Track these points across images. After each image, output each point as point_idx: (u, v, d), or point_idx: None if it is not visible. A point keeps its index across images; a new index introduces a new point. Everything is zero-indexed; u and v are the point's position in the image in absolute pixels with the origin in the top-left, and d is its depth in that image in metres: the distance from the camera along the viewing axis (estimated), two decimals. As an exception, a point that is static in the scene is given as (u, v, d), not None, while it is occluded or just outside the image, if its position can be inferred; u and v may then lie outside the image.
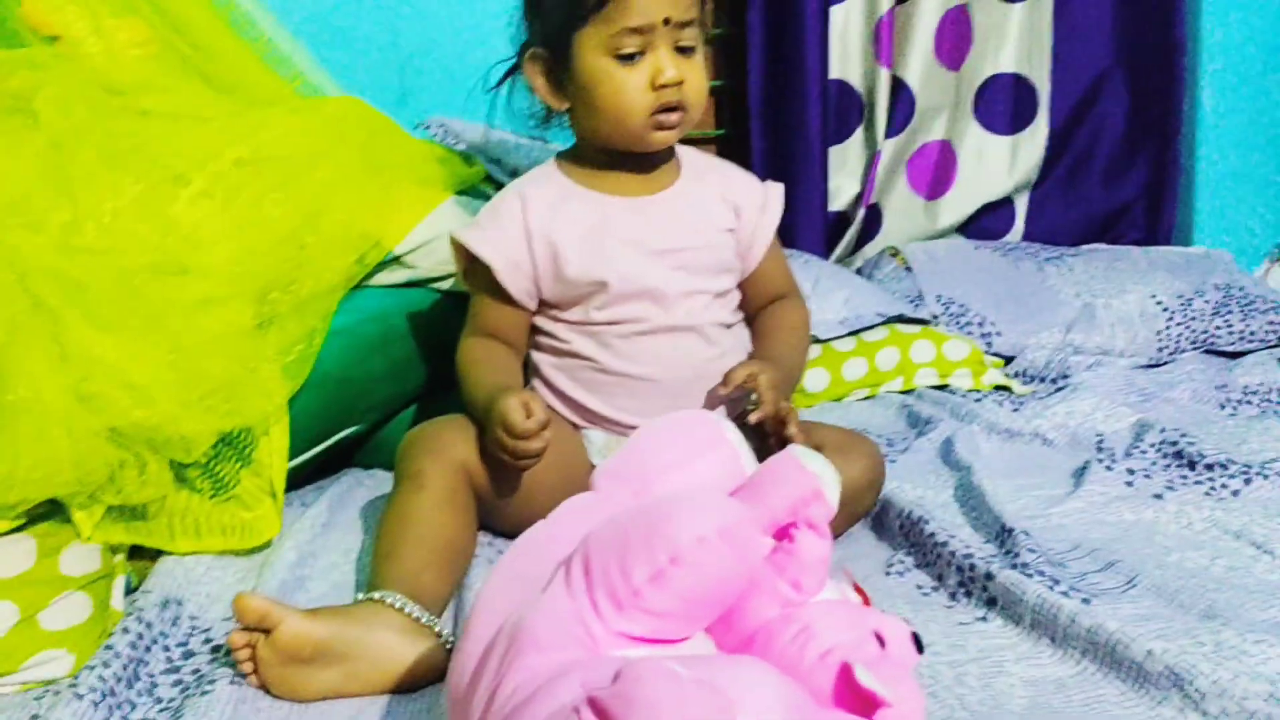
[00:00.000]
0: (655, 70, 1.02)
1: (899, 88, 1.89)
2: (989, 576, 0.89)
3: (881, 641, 0.54)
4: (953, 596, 0.92)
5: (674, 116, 1.05)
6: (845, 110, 1.91)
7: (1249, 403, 1.45)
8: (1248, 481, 1.13)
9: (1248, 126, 2.05)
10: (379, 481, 1.28)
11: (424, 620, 0.85)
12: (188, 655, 0.88)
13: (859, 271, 1.87)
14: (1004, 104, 1.95)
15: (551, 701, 0.45)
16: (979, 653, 0.82)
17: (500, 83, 1.17)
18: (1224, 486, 1.13)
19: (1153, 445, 1.23)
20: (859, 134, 1.92)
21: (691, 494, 0.54)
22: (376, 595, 0.86)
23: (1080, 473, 1.19)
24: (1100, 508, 1.09)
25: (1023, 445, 1.30)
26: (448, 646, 0.84)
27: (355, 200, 1.26)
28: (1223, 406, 1.44)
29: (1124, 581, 0.92)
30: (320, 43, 1.59)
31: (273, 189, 1.21)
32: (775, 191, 1.18)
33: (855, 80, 1.90)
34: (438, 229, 1.30)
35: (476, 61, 1.76)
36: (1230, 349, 1.67)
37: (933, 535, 0.97)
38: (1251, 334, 1.68)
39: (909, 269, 1.80)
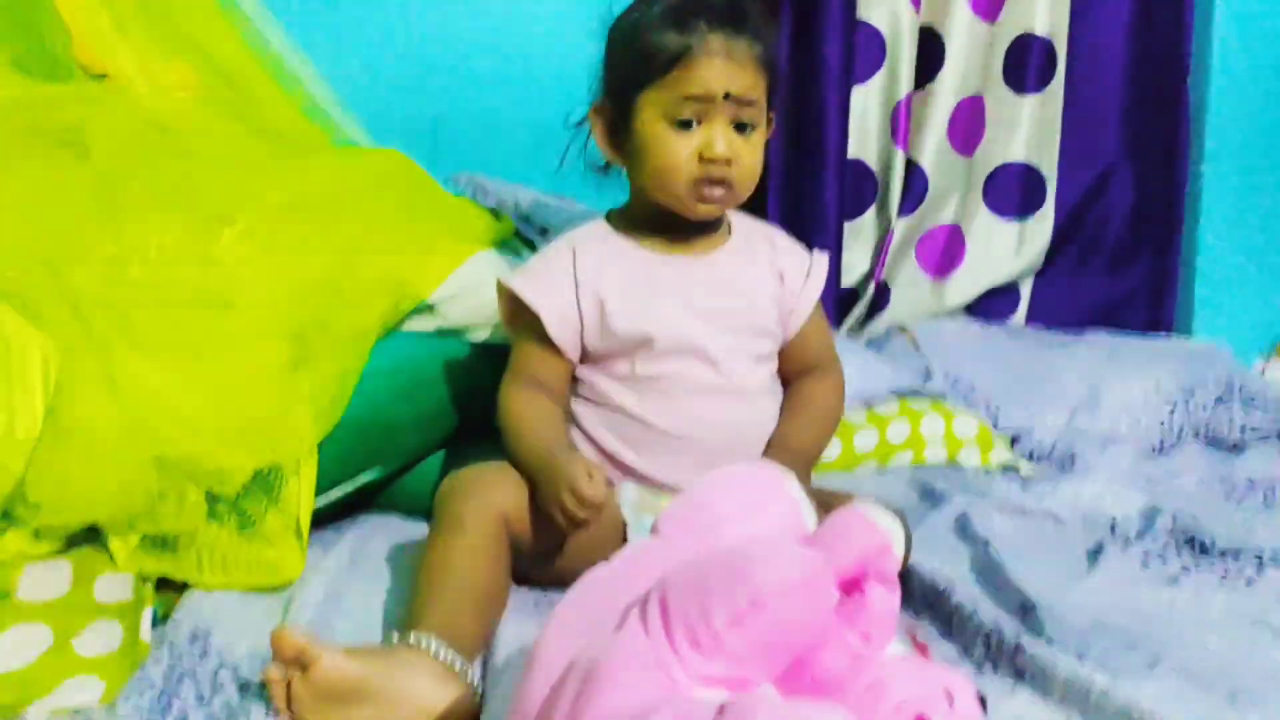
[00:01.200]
0: (705, 142, 1.05)
1: (913, 170, 1.95)
2: (1018, 649, 0.90)
3: (949, 698, 0.55)
4: (979, 668, 0.93)
5: (718, 191, 1.07)
6: (860, 189, 1.95)
7: (1254, 493, 1.47)
8: (1260, 569, 1.15)
9: (1248, 224, 2.11)
10: (399, 527, 1.28)
11: (457, 667, 0.85)
12: (217, 688, 0.87)
13: (868, 345, 1.90)
14: (1013, 191, 2.00)
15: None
16: (1011, 722, 0.83)
17: (580, 123, 1.19)
18: (1238, 573, 1.14)
19: (1165, 530, 1.25)
20: (872, 212, 1.97)
21: (771, 541, 0.55)
22: (413, 638, 0.86)
23: (1095, 553, 1.20)
24: (1118, 588, 1.10)
25: (1036, 523, 1.32)
26: (478, 696, 0.84)
27: (391, 247, 1.29)
28: (1228, 496, 1.46)
29: (1147, 662, 0.93)
30: (354, 96, 1.62)
31: (312, 233, 1.24)
32: (820, 261, 1.20)
33: (871, 160, 1.95)
34: (470, 280, 1.32)
35: (506, 119, 1.82)
36: (1231, 441, 1.70)
37: (959, 606, 0.98)
38: (1253, 428, 1.71)
39: (917, 346, 1.83)
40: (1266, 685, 0.89)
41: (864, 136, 1.93)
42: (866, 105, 1.92)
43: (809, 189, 1.89)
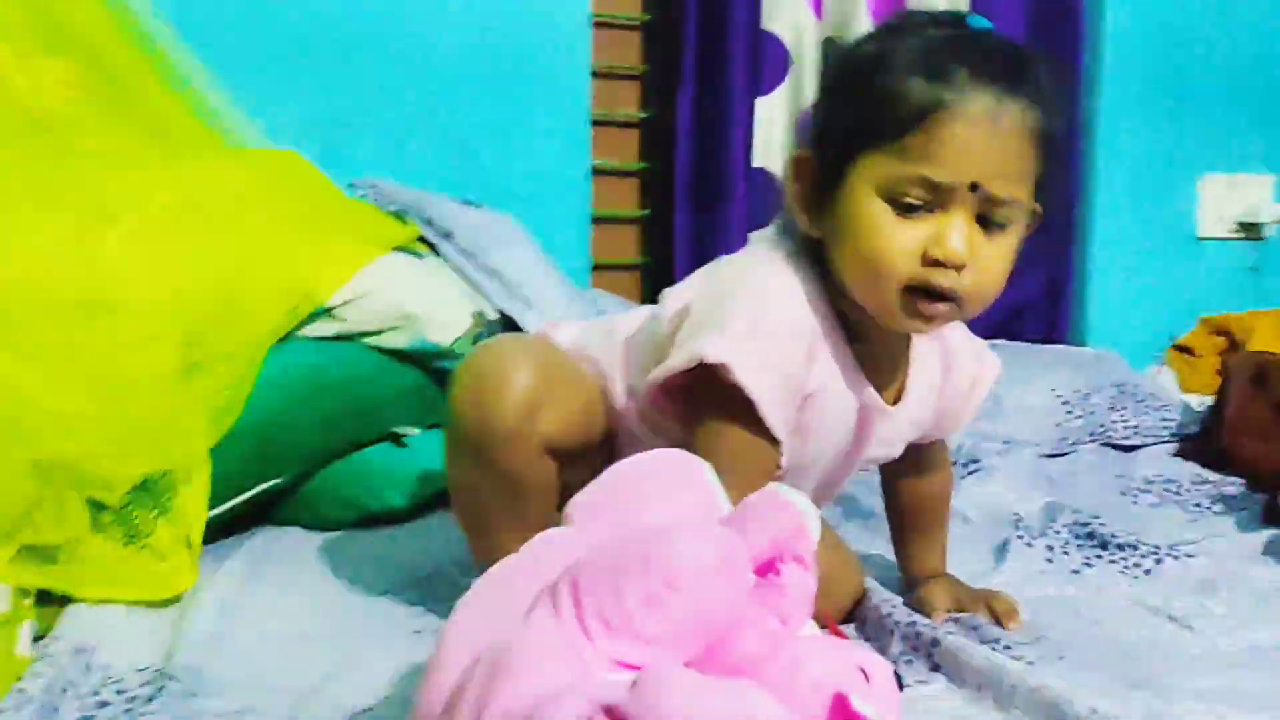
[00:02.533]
0: (936, 237, 0.76)
1: (818, 179, 1.97)
2: (935, 643, 0.90)
3: (866, 677, 0.54)
4: (896, 663, 0.92)
5: (940, 308, 0.79)
6: (766, 197, 1.96)
7: (1148, 492, 1.51)
8: (1159, 561, 1.18)
9: (1139, 236, 2.19)
10: (298, 540, 1.24)
11: None
12: (101, 705, 0.82)
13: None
14: (916, 202, 2.03)
15: (555, 714, 0.44)
16: (927, 715, 0.82)
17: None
18: (1137, 565, 1.17)
19: (1065, 525, 1.27)
20: (779, 220, 1.98)
21: (686, 522, 0.54)
22: None
23: (1001, 549, 1.21)
24: (1024, 582, 1.11)
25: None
26: None
27: (288, 250, 1.25)
28: (1124, 494, 1.50)
29: (1055, 652, 0.93)
30: (251, 99, 1.57)
31: (204, 234, 1.19)
32: (987, 366, 0.98)
33: (777, 170, 1.96)
34: (371, 284, 1.29)
35: (408, 123, 1.79)
36: (1125, 443, 1.75)
37: (876, 607, 0.98)
38: (1146, 429, 1.76)
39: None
40: (1170, 671, 0.90)
41: (769, 146, 1.94)
42: (771, 115, 1.93)
43: (716, 197, 1.89)
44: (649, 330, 0.91)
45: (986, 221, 0.78)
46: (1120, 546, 1.21)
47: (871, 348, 0.88)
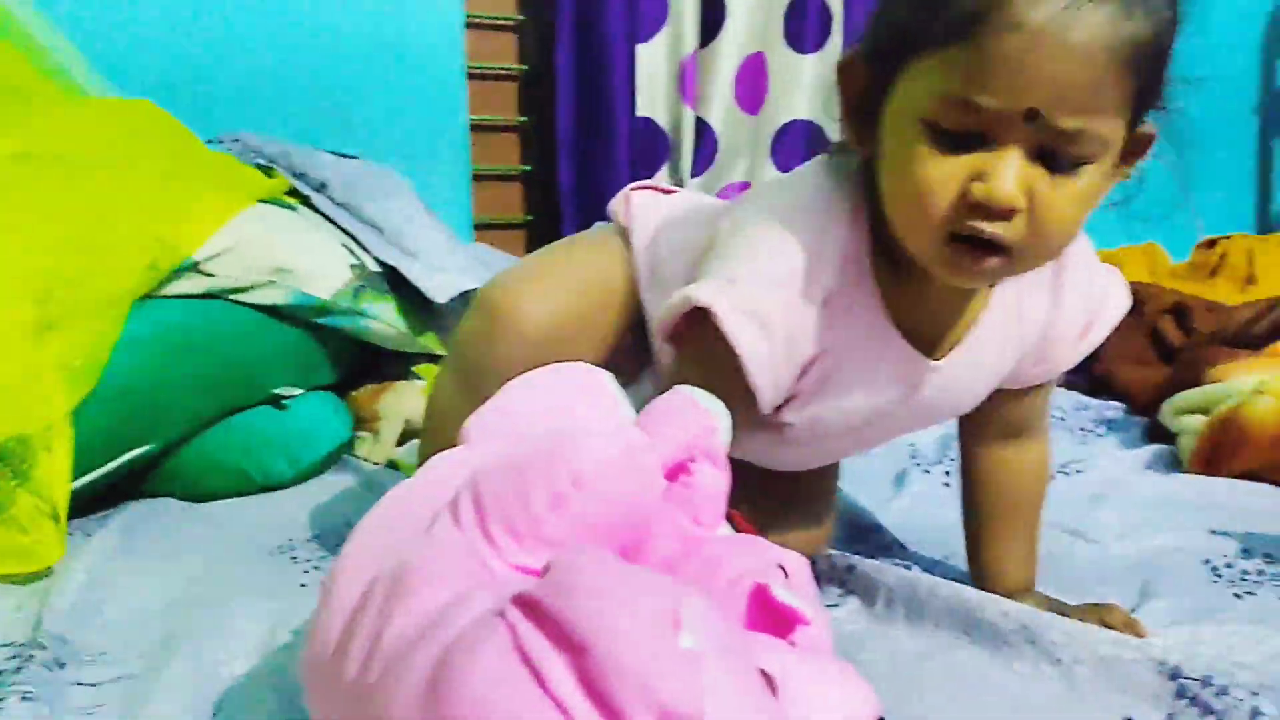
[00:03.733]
0: (979, 176, 0.62)
1: (703, 129, 1.95)
2: (850, 569, 0.89)
3: (784, 572, 0.52)
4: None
5: (989, 263, 0.64)
6: (652, 148, 1.94)
7: (1037, 418, 1.53)
8: (1051, 479, 1.19)
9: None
10: (172, 512, 1.17)
11: None
12: (-41, 684, 0.75)
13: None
14: (799, 149, 2.03)
15: (463, 615, 0.40)
16: (839, 636, 0.81)
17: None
18: (1032, 482, 1.18)
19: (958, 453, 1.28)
20: (665, 172, 1.96)
21: (590, 422, 0.51)
22: None
23: (900, 478, 1.22)
24: (925, 507, 1.12)
25: (843, 456, 1.33)
26: None
27: (147, 202, 1.17)
28: (1013, 422, 1.53)
29: (962, 567, 0.94)
30: (106, 56, 1.48)
31: (54, 186, 1.11)
32: (1108, 315, 0.82)
33: (661, 119, 1.94)
34: (239, 237, 1.22)
35: (272, 78, 1.71)
36: (1012, 376, 1.78)
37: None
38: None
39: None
40: (1074, 579, 0.92)
41: (653, 95, 1.92)
42: (653, 63, 1.91)
43: (600, 149, 1.86)
44: (695, 235, 0.80)
45: (1053, 158, 0.61)
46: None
47: (923, 290, 0.73)
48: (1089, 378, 1.73)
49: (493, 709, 0.35)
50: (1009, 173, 0.60)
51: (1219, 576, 0.93)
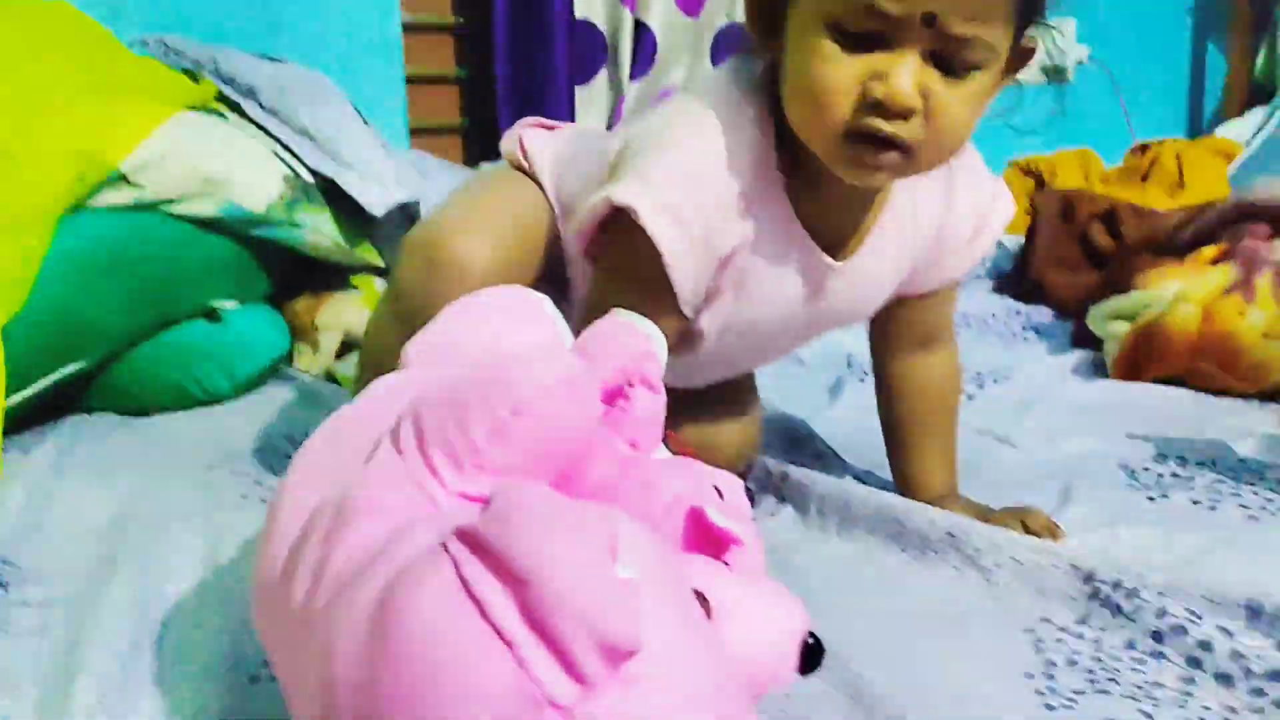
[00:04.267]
0: (877, 75, 0.64)
1: (642, 31, 1.92)
2: (784, 477, 0.92)
3: (719, 493, 0.54)
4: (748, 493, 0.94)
5: (886, 157, 0.67)
6: (590, 51, 1.91)
7: (968, 325, 1.57)
8: (980, 386, 1.23)
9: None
10: (110, 426, 1.17)
11: None
12: (-100, 608, 0.75)
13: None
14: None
15: (406, 546, 0.41)
16: (774, 545, 0.84)
17: None
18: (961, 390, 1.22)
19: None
20: (603, 76, 1.93)
21: (528, 350, 0.51)
22: None
23: (836, 387, 1.25)
24: (859, 416, 1.14)
25: (781, 365, 1.35)
26: None
27: (69, 110, 1.13)
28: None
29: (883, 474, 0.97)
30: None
31: (-31, 95, 1.07)
32: (996, 220, 0.84)
33: (600, 21, 1.91)
34: (167, 147, 1.18)
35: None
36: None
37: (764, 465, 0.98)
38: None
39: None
40: (995, 482, 0.95)
41: (590, -4, 1.88)
42: (591, -37, 1.87)
43: (538, 52, 1.83)
44: (597, 164, 0.81)
45: (948, 63, 0.65)
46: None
47: (825, 192, 0.75)
48: (1021, 283, 1.77)
49: (437, 640, 0.36)
50: (906, 74, 0.64)
51: (1135, 480, 0.97)
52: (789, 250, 0.78)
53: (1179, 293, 1.27)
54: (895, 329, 0.89)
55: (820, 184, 0.74)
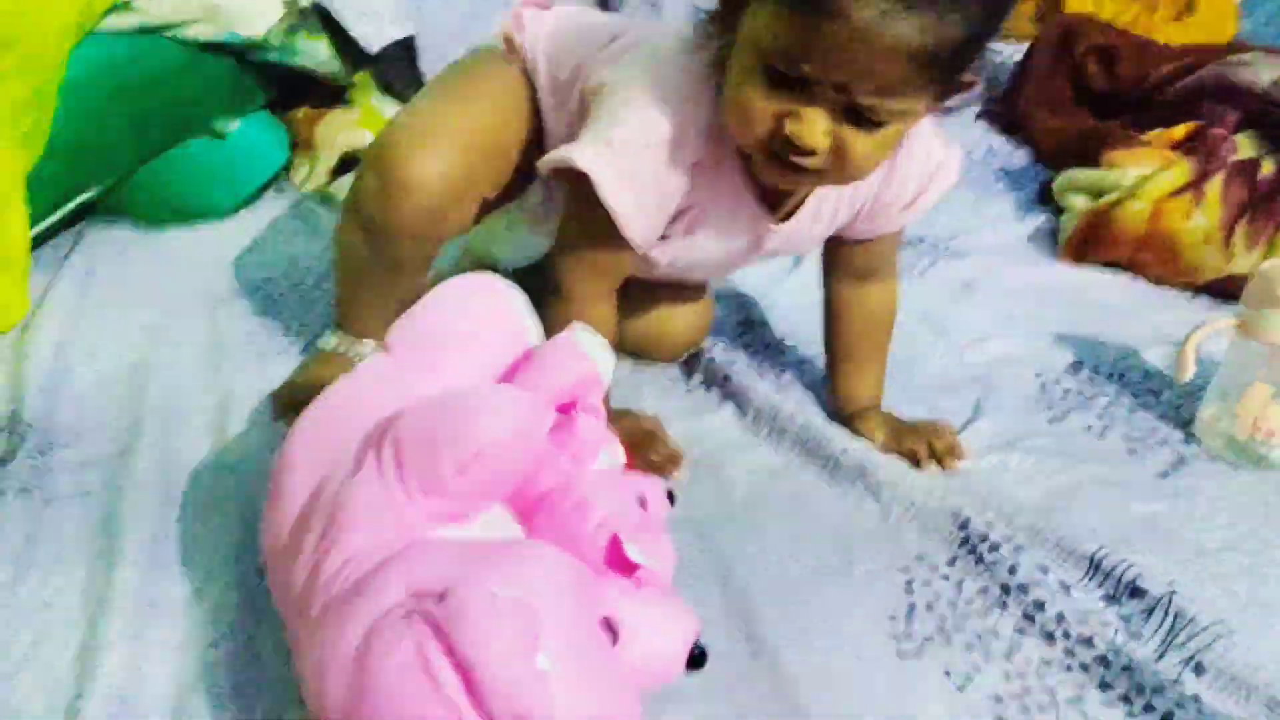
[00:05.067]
0: (791, 112, 0.72)
1: None
2: (726, 379, 1.03)
3: (644, 503, 0.66)
4: (692, 391, 1.06)
5: (796, 178, 0.77)
6: None
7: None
8: (932, 263, 1.32)
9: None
10: (129, 238, 1.26)
11: None
12: (-39, 459, 0.89)
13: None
14: None
15: (381, 598, 0.54)
16: (714, 446, 0.97)
17: None
18: (913, 267, 1.31)
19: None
20: None
21: (490, 395, 0.61)
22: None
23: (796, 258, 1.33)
24: (814, 289, 1.24)
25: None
26: None
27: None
28: (904, 208, 1.61)
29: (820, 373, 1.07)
30: None
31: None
32: (935, 188, 0.91)
33: None
34: (170, -30, 1.20)
35: None
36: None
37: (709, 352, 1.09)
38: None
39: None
40: (913, 385, 1.06)
41: None
42: None
43: None
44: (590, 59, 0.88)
45: (859, 115, 0.71)
46: (906, 242, 1.33)
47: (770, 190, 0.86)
48: (1009, 112, 1.79)
49: (404, 699, 0.50)
50: (816, 122, 0.71)
51: (1044, 394, 1.08)
52: (738, 209, 0.87)
53: (1135, 183, 1.33)
54: (839, 261, 0.99)
55: None
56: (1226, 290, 1.26)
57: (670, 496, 0.69)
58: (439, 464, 0.59)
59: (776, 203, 0.87)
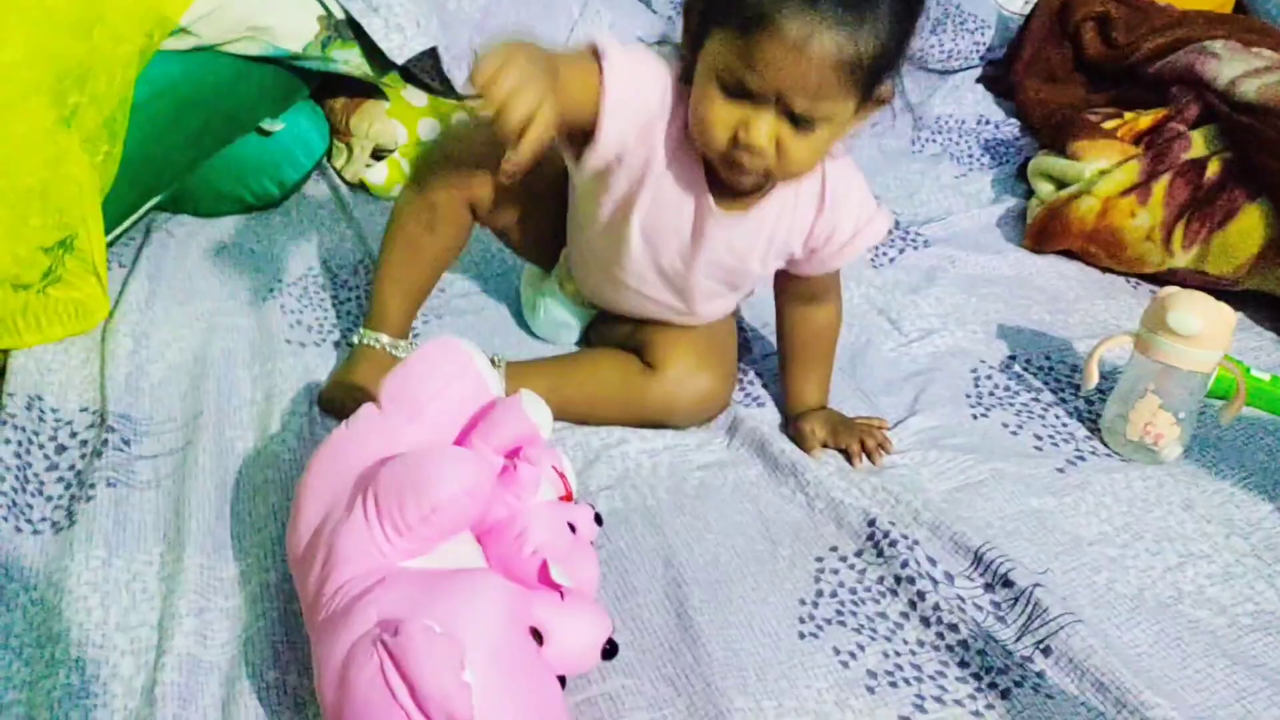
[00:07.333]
0: (744, 124, 0.89)
1: None
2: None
3: (573, 528, 0.85)
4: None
5: (748, 178, 0.96)
6: None
7: (934, 140, 1.72)
8: (901, 251, 1.45)
9: None
10: (189, 232, 1.45)
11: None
12: (60, 450, 1.09)
13: None
14: None
15: (360, 623, 0.73)
16: (672, 440, 1.14)
17: None
18: (884, 254, 1.44)
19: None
20: None
21: (448, 458, 0.80)
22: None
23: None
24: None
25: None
26: None
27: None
28: (913, 144, 1.72)
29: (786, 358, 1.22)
30: None
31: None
32: (873, 228, 1.07)
33: None
34: (218, 1, 1.35)
35: None
36: (939, 68, 1.92)
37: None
38: (960, 53, 1.92)
39: None
40: (861, 376, 1.22)
41: None
42: None
43: None
44: None
45: (797, 120, 0.88)
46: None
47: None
48: (1007, 75, 1.87)
49: (371, 704, 0.70)
50: (763, 126, 0.89)
51: (975, 388, 1.23)
52: (692, 185, 1.01)
53: (1091, 178, 1.43)
54: (788, 288, 1.16)
55: None
56: (1169, 282, 1.37)
57: (598, 518, 0.87)
58: (406, 512, 0.78)
59: (725, 199, 1.02)
